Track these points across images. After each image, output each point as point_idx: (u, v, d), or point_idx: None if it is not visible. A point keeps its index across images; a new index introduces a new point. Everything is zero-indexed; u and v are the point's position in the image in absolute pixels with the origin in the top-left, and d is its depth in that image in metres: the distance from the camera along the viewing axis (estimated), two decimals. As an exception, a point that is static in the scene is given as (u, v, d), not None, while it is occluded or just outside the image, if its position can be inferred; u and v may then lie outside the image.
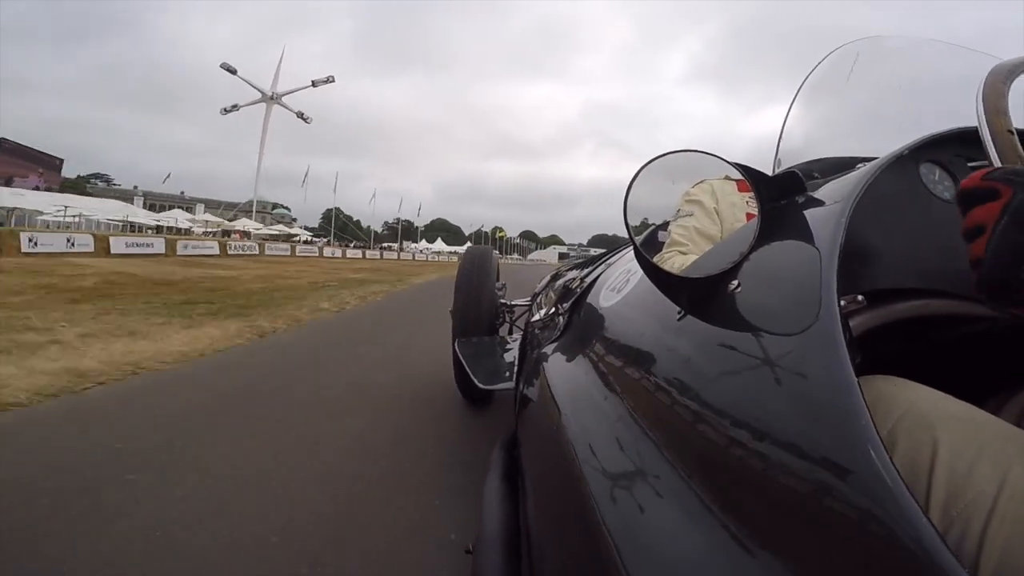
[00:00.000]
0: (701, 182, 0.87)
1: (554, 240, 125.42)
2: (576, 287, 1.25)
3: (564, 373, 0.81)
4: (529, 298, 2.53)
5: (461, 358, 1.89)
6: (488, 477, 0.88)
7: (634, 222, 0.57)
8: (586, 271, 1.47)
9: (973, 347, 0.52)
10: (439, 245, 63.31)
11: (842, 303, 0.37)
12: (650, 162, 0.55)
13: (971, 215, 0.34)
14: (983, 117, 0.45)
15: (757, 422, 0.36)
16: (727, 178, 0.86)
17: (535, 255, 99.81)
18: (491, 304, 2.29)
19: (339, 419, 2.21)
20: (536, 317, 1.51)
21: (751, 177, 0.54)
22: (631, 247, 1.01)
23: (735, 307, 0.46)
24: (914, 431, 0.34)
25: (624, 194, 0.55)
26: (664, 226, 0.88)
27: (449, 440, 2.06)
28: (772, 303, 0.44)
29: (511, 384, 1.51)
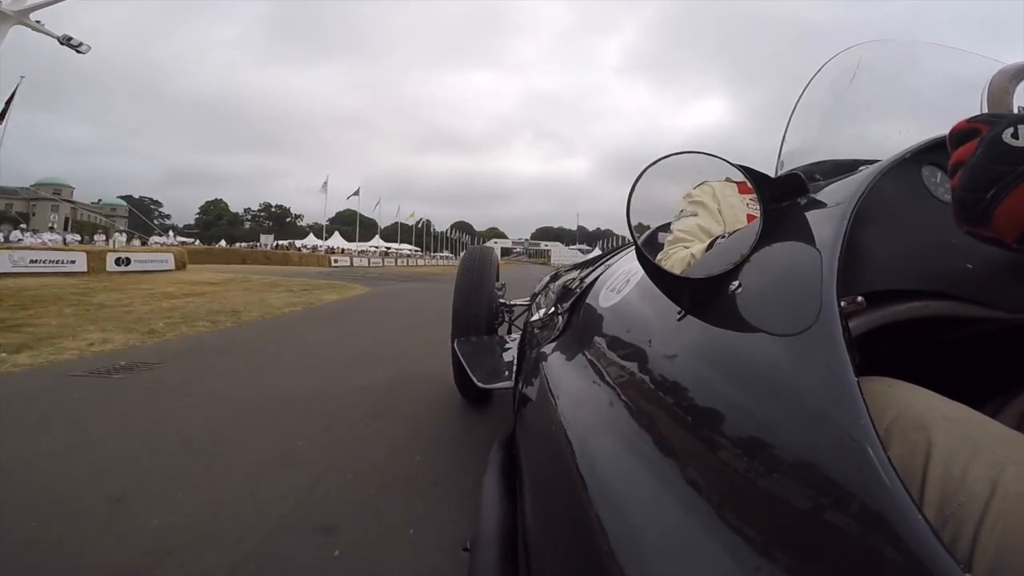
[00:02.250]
0: (702, 183, 0.87)
1: (494, 233, 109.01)
2: (576, 287, 1.26)
3: (563, 372, 0.81)
4: (528, 298, 2.53)
5: (460, 357, 1.89)
6: (486, 476, 0.87)
7: (636, 222, 0.57)
8: (586, 272, 1.47)
9: (973, 349, 0.52)
10: (336, 241, 46.90)
11: (842, 304, 0.37)
12: (654, 163, 0.55)
13: (955, 153, 0.37)
14: None
15: (756, 422, 0.36)
16: (728, 180, 0.86)
17: None
18: (490, 304, 2.29)
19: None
20: (535, 317, 1.51)
21: (754, 179, 0.54)
22: (631, 248, 1.01)
23: (735, 307, 0.47)
24: (908, 432, 0.34)
25: (627, 195, 0.55)
26: (665, 227, 0.88)
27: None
28: (772, 304, 0.44)
29: (510, 383, 1.51)
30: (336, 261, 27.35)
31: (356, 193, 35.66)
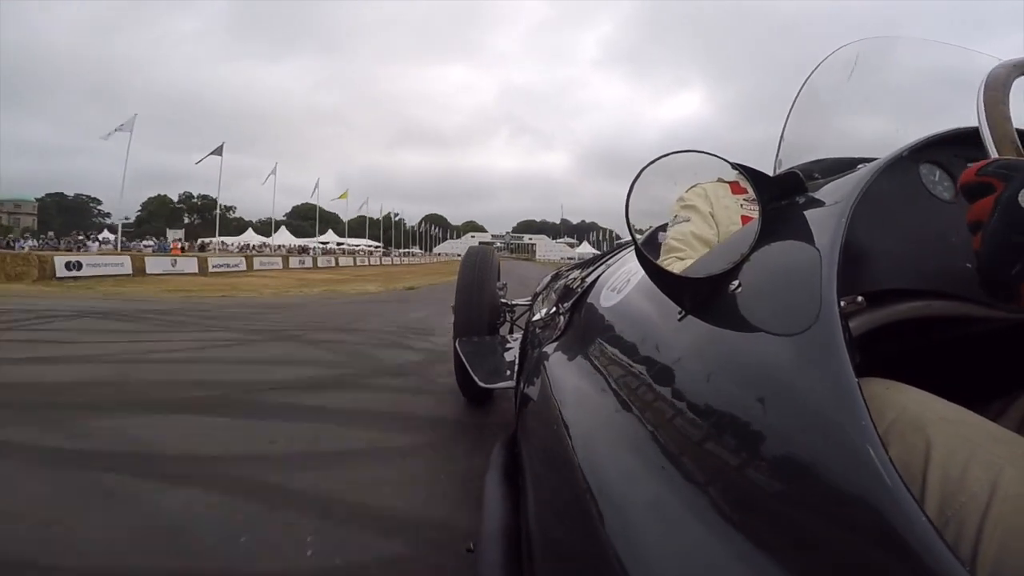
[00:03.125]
0: (694, 186, 0.86)
1: (471, 227, 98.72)
2: (577, 287, 1.26)
3: (565, 372, 0.81)
4: (530, 298, 2.53)
5: (462, 357, 1.90)
6: (489, 476, 0.88)
7: (636, 222, 0.57)
8: (587, 271, 1.47)
9: (975, 348, 0.52)
10: (283, 237, 40.81)
11: (842, 304, 0.37)
12: (652, 163, 0.56)
13: (971, 210, 0.36)
14: (983, 117, 0.45)
15: (757, 421, 0.36)
16: (720, 180, 0.86)
17: (444, 248, 75.92)
18: (492, 304, 2.30)
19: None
20: (537, 317, 1.51)
21: (752, 178, 0.54)
22: (630, 248, 1.01)
23: (736, 307, 0.47)
24: (906, 434, 0.34)
25: (626, 195, 0.55)
26: (664, 227, 0.88)
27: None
28: (772, 303, 0.44)
29: (512, 383, 1.51)
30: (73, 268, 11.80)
31: (273, 173, 28.87)
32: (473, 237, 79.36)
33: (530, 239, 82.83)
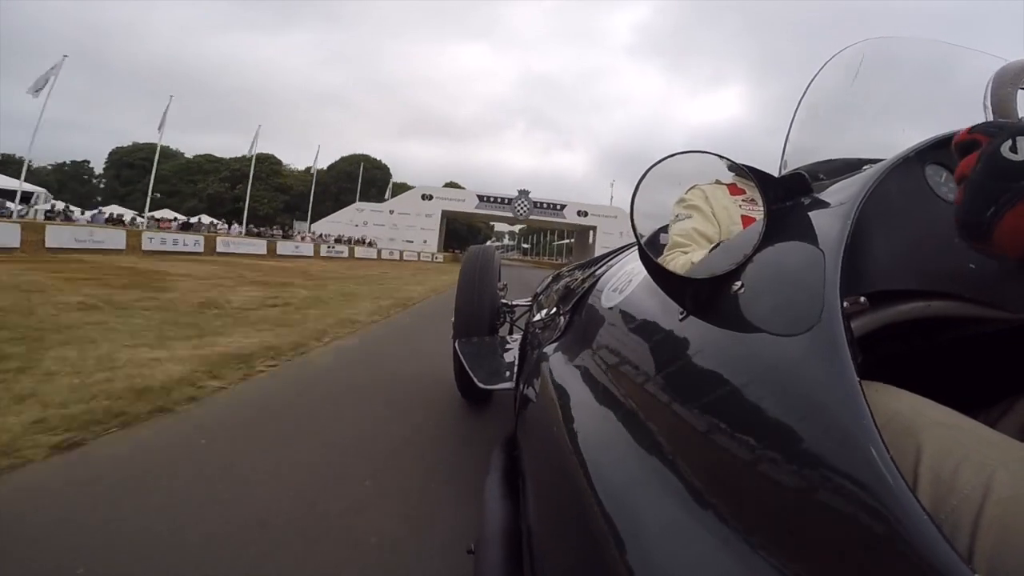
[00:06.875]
0: (693, 187, 0.87)
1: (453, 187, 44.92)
2: (577, 288, 1.25)
3: (565, 373, 0.81)
4: (530, 298, 2.53)
5: (461, 357, 1.89)
6: (488, 477, 0.88)
7: (640, 223, 0.57)
8: (588, 272, 1.47)
9: (976, 349, 0.52)
10: None
11: (845, 304, 0.37)
12: (658, 163, 0.55)
13: (960, 166, 0.38)
14: (991, 117, 0.45)
15: (758, 422, 0.36)
16: (718, 182, 0.87)
17: (328, 225, 33.77)
18: (492, 304, 2.30)
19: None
20: (537, 317, 1.51)
21: (758, 178, 0.54)
22: (633, 248, 1.01)
23: (738, 307, 0.47)
24: (896, 437, 0.34)
25: (631, 195, 0.55)
26: (667, 228, 0.88)
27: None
28: (775, 304, 0.44)
29: (511, 384, 1.51)
30: None
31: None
32: (428, 199, 38.11)
33: (582, 213, 38.55)
